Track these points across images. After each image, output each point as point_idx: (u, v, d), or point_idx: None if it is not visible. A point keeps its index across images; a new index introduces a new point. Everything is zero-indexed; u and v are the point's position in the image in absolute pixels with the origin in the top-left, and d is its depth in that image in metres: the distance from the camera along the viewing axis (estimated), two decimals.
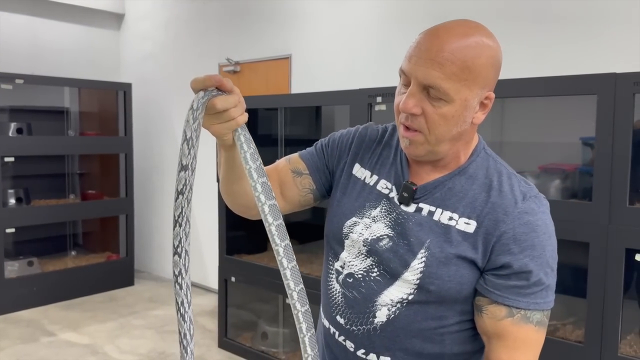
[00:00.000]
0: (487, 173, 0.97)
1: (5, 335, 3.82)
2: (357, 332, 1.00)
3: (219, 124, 0.85)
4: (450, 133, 0.91)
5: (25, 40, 4.98)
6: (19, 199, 4.54)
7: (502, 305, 0.91)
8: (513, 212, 0.91)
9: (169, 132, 5.23)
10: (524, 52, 2.83)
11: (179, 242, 0.81)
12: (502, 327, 0.91)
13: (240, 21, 4.45)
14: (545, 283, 0.91)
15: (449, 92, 0.87)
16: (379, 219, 1.00)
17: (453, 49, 0.86)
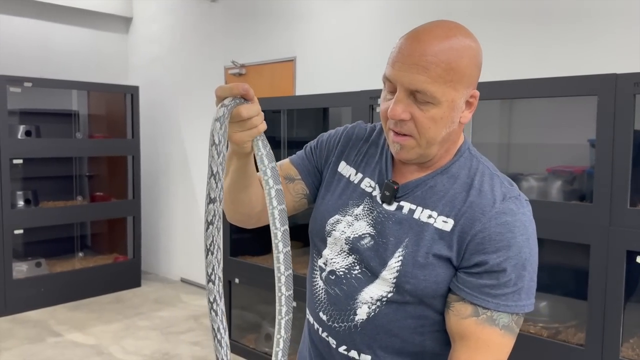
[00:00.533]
0: (469, 173, 0.97)
1: (12, 335, 3.86)
2: (339, 328, 1.00)
3: (242, 131, 0.86)
4: (440, 135, 0.92)
5: (35, 43, 5.05)
6: (27, 200, 4.59)
7: (469, 304, 0.89)
8: (490, 212, 0.90)
9: (175, 135, 5.27)
10: (525, 52, 2.82)
11: (212, 269, 0.83)
12: (465, 326, 0.89)
13: (246, 24, 4.48)
14: (518, 285, 0.89)
15: (436, 94, 0.87)
16: (361, 217, 1.00)
17: (436, 52, 0.86)
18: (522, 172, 2.56)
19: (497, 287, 0.88)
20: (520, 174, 2.52)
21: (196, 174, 5.07)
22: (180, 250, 5.34)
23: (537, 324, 2.30)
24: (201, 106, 4.90)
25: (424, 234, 0.93)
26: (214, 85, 4.73)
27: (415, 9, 3.30)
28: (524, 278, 0.89)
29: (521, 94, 2.32)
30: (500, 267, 0.88)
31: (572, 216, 2.07)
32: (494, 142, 2.90)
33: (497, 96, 2.44)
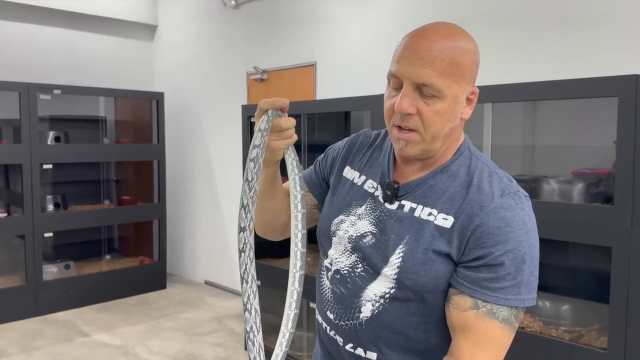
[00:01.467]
0: (469, 171, 0.99)
1: (42, 335, 3.97)
2: (345, 326, 1.02)
3: (279, 140, 0.97)
4: (444, 130, 0.95)
5: (63, 52, 5.20)
6: (56, 204, 4.72)
7: (468, 297, 0.90)
8: (488, 207, 0.92)
9: (199, 139, 5.36)
10: (547, 54, 2.80)
11: (247, 299, 0.84)
12: (465, 318, 0.90)
13: (267, 30, 4.54)
14: (517, 279, 0.89)
15: (442, 88, 0.90)
16: (363, 217, 1.03)
17: (441, 48, 0.91)
18: (547, 174, 2.53)
19: (495, 280, 0.89)
20: (545, 176, 2.50)
21: (220, 178, 5.15)
22: (204, 253, 5.42)
23: (559, 328, 2.27)
24: (224, 111, 4.98)
25: (424, 231, 0.95)
26: (236, 90, 4.81)
27: (434, 13, 3.31)
28: (523, 272, 0.90)
29: (542, 95, 2.30)
30: (498, 260, 0.89)
31: (594, 218, 2.05)
32: (517, 144, 2.88)
33: (518, 98, 2.42)
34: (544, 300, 2.42)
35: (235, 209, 4.76)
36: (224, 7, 4.89)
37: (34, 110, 4.27)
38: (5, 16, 4.85)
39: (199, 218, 5.45)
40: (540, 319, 2.32)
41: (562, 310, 2.36)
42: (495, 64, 3.01)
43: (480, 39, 3.21)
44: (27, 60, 4.94)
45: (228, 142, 4.90)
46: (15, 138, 4.43)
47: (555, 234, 2.15)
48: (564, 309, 2.37)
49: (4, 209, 4.52)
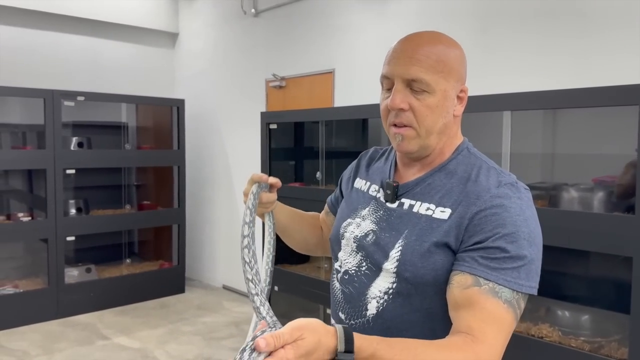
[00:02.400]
0: (467, 168, 1.03)
1: (63, 337, 4.04)
2: (355, 325, 1.04)
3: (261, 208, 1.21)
4: (437, 124, 1.00)
5: (87, 59, 5.31)
6: (79, 208, 4.80)
7: (469, 275, 0.90)
8: (485, 196, 0.95)
9: (218, 145, 5.41)
10: (566, 62, 2.78)
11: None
12: (469, 295, 0.89)
13: (286, 38, 4.58)
14: (517, 263, 0.90)
15: (430, 82, 0.97)
16: (367, 217, 1.09)
17: (427, 47, 0.98)
18: (567, 183, 2.51)
19: (495, 261, 0.90)
20: (565, 184, 2.48)
21: (238, 184, 5.19)
22: (223, 258, 5.46)
23: (579, 338, 2.25)
24: (243, 118, 5.03)
25: (422, 224, 0.99)
26: (255, 97, 4.86)
27: (454, 20, 3.31)
28: (523, 258, 0.90)
29: (562, 104, 2.29)
30: (496, 244, 0.90)
31: (614, 228, 2.03)
32: (536, 152, 2.86)
33: (538, 106, 2.41)
34: (564, 309, 2.40)
35: None
36: (244, 15, 4.95)
37: (58, 117, 4.36)
38: (31, 25, 4.97)
39: (218, 223, 5.50)
40: (560, 328, 2.30)
41: (582, 321, 2.33)
42: (514, 70, 3.00)
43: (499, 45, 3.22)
44: (51, 68, 5.05)
45: (247, 148, 4.94)
46: (40, 143, 4.53)
47: (576, 243, 2.14)
48: (584, 319, 2.34)
49: (28, 213, 4.61)
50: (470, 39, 3.21)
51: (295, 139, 4.14)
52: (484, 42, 3.14)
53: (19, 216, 4.45)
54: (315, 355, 0.75)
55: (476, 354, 0.84)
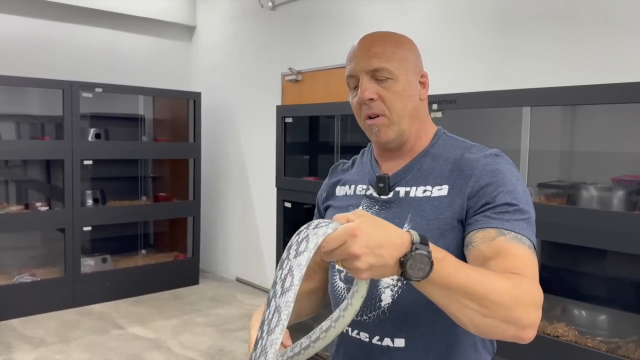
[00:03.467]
0: (450, 149, 1.08)
1: (79, 326, 4.10)
2: (368, 320, 1.03)
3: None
4: (407, 108, 1.05)
5: (105, 51, 5.35)
6: (95, 199, 4.86)
7: (491, 228, 0.92)
8: (478, 166, 1.00)
9: (234, 139, 5.43)
10: (588, 57, 2.73)
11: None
12: (497, 245, 0.90)
13: (303, 32, 4.57)
14: (524, 215, 0.94)
15: (392, 69, 1.03)
16: None
17: (381, 41, 1.06)
18: (585, 181, 2.47)
19: (507, 214, 0.94)
20: (583, 182, 2.44)
21: (253, 177, 5.20)
22: (236, 251, 5.49)
23: (596, 338, 2.21)
24: (259, 111, 5.03)
25: (423, 206, 1.02)
26: (271, 91, 4.86)
27: (473, 14, 3.27)
28: (527, 212, 0.95)
29: (582, 100, 2.25)
30: (503, 200, 0.95)
31: (634, 227, 1.99)
32: (555, 150, 2.82)
33: (558, 102, 2.37)
34: (580, 309, 2.37)
35: (263, 209, 4.81)
36: (261, 8, 4.94)
37: (76, 108, 4.41)
38: (50, 16, 5.02)
39: (232, 216, 5.52)
40: (576, 328, 2.27)
41: (599, 320, 2.30)
42: (534, 66, 2.95)
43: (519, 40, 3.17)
44: (70, 59, 5.10)
45: (262, 142, 4.95)
46: (58, 134, 4.58)
47: (594, 242, 2.10)
48: (601, 319, 2.31)
49: (46, 203, 4.68)
50: (491, 34, 3.17)
51: (310, 133, 4.13)
52: (504, 37, 3.10)
53: (36, 206, 4.52)
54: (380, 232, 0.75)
55: (530, 286, 0.85)
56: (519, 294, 0.81)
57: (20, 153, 4.39)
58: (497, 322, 0.81)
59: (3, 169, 4.80)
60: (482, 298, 0.79)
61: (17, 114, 4.76)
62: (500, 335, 0.83)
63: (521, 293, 0.82)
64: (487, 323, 0.81)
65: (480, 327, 0.82)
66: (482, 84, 3.12)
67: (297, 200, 3.56)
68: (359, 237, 0.73)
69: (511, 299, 0.81)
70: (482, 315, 0.81)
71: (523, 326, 0.82)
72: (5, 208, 4.46)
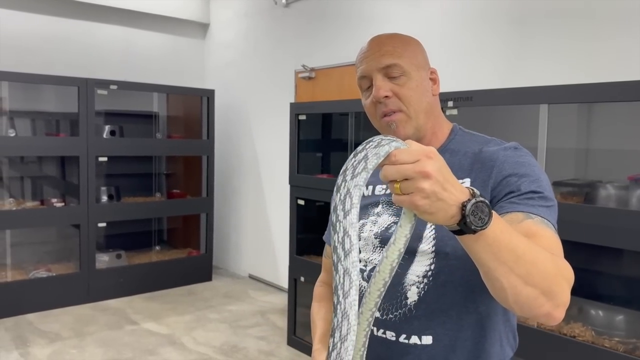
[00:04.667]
0: (469, 144, 1.08)
1: (94, 321, 4.14)
2: (395, 318, 1.02)
3: None
4: (422, 103, 1.05)
5: (120, 49, 5.39)
6: (110, 196, 4.90)
7: (518, 212, 0.91)
8: (499, 158, 1.00)
9: (247, 136, 5.44)
10: (604, 54, 2.69)
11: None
12: (526, 227, 0.88)
13: (316, 29, 4.56)
14: (549, 203, 0.94)
15: (404, 65, 1.03)
16: (382, 213, 1.09)
17: (389, 40, 1.07)
18: (601, 180, 2.44)
19: (532, 200, 0.93)
20: (599, 181, 2.41)
21: (266, 174, 5.21)
22: (249, 247, 5.51)
23: (613, 338, 2.19)
24: (271, 108, 5.04)
25: None
26: (284, 88, 4.86)
27: (489, 10, 3.24)
28: (551, 200, 0.95)
29: (600, 97, 2.22)
30: (528, 188, 0.94)
31: None
32: (571, 148, 2.79)
33: (576, 100, 2.34)
34: (597, 309, 2.34)
35: (276, 206, 4.82)
36: (275, 5, 4.94)
37: (91, 105, 4.44)
38: (66, 14, 5.06)
39: (245, 213, 5.54)
40: (593, 328, 2.25)
41: (616, 321, 2.27)
42: (550, 63, 2.92)
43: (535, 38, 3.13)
44: (86, 57, 5.14)
45: (275, 139, 4.95)
46: (73, 131, 4.62)
47: (611, 241, 2.08)
48: (618, 319, 2.28)
49: (61, 199, 4.72)
50: (507, 30, 3.14)
51: (323, 131, 4.12)
52: (520, 33, 3.07)
53: (52, 202, 4.56)
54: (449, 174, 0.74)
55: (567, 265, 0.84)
56: (559, 268, 0.81)
57: (35, 150, 4.44)
58: (538, 293, 0.79)
59: (19, 166, 4.86)
60: (529, 263, 0.77)
61: (33, 110, 4.80)
62: (536, 308, 0.80)
63: (560, 268, 0.81)
64: (528, 293, 0.78)
65: (520, 297, 0.79)
66: (497, 81, 3.08)
67: (310, 197, 3.56)
68: (435, 160, 0.71)
69: (555, 269, 0.80)
70: (525, 284, 0.78)
71: (557, 303, 0.80)
72: (21, 204, 4.51)
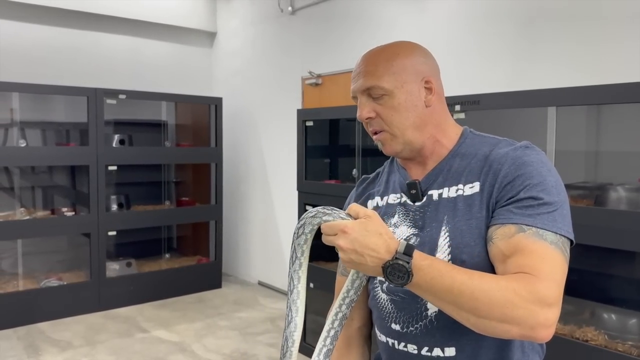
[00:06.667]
0: (479, 147, 1.06)
1: (105, 329, 4.15)
2: (416, 331, 1.01)
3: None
4: (407, 120, 1.04)
5: (128, 58, 5.43)
6: (120, 204, 4.92)
7: (511, 225, 0.92)
8: (507, 160, 0.98)
9: (255, 143, 5.46)
10: (613, 55, 2.68)
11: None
12: (515, 242, 0.89)
13: (322, 35, 4.57)
14: (551, 208, 0.92)
15: (384, 85, 1.02)
16: (399, 224, 1.07)
17: (373, 58, 1.06)
18: (612, 182, 2.42)
19: (530, 208, 0.92)
20: (610, 183, 2.39)
21: (274, 181, 5.22)
22: (258, 254, 5.51)
23: (626, 342, 2.16)
24: (279, 114, 5.05)
25: (457, 206, 1.00)
26: (291, 95, 4.87)
27: (496, 15, 3.23)
28: (554, 203, 0.93)
29: (609, 99, 2.20)
30: (528, 194, 0.93)
31: None
32: (580, 150, 2.77)
33: (584, 102, 2.33)
34: (610, 313, 2.32)
35: (285, 212, 4.82)
36: (281, 13, 4.97)
37: (100, 114, 4.48)
38: (75, 25, 5.11)
39: (253, 220, 5.55)
40: (606, 332, 2.22)
41: (630, 324, 2.25)
42: (558, 65, 2.91)
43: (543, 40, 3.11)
44: (94, 67, 5.19)
45: (282, 145, 4.96)
46: (83, 140, 4.66)
47: (623, 244, 2.06)
48: (632, 323, 2.26)
49: (71, 208, 4.76)
50: (514, 33, 3.14)
51: (330, 137, 4.13)
52: (528, 36, 3.06)
53: (62, 211, 4.60)
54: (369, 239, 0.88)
55: (533, 285, 0.83)
56: (517, 293, 0.82)
57: (46, 159, 4.48)
58: (495, 322, 0.83)
59: (30, 175, 4.90)
60: (470, 299, 0.83)
61: (43, 121, 4.85)
62: (505, 334, 0.85)
63: (520, 292, 0.82)
64: (484, 323, 0.84)
65: (479, 327, 0.85)
66: (505, 85, 3.08)
67: (318, 203, 3.54)
68: (348, 234, 0.89)
69: (504, 298, 0.82)
70: (476, 317, 0.84)
71: (530, 326, 0.82)
72: (32, 213, 4.55)
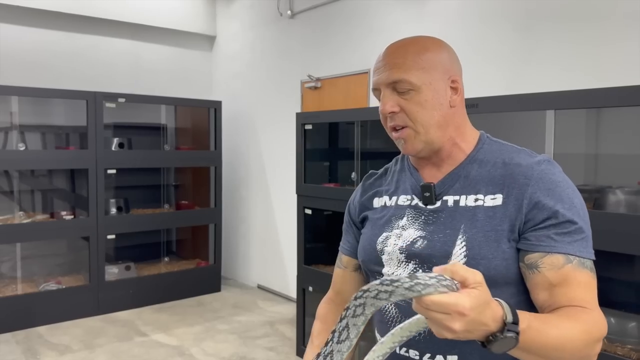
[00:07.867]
0: (498, 154, 1.03)
1: (104, 333, 4.14)
2: (419, 337, 1.00)
3: None
4: (432, 118, 1.00)
5: (127, 62, 5.44)
6: (119, 208, 4.92)
7: (558, 254, 0.92)
8: (533, 175, 0.96)
9: (254, 146, 5.46)
10: (612, 58, 2.68)
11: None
12: (565, 274, 0.92)
13: (321, 39, 4.58)
14: (583, 234, 0.94)
15: (411, 80, 0.99)
16: (408, 227, 1.05)
17: (402, 50, 1.02)
18: (611, 185, 2.42)
19: (568, 235, 0.93)
20: (609, 186, 2.39)
21: (273, 184, 5.22)
22: (257, 258, 5.50)
23: (625, 346, 2.16)
24: (278, 118, 5.05)
25: (477, 216, 0.98)
26: (290, 98, 4.88)
27: (494, 18, 3.24)
28: (586, 228, 0.95)
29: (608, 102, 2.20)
30: (565, 217, 0.93)
31: None
32: (579, 153, 2.78)
33: (583, 105, 2.33)
34: (609, 316, 2.31)
35: (285, 215, 4.82)
36: (280, 17, 4.98)
37: (100, 118, 4.48)
38: (74, 29, 5.12)
39: (253, 223, 5.54)
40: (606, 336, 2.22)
41: (629, 328, 2.24)
42: (556, 68, 2.91)
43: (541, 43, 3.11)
44: (94, 70, 5.20)
45: (282, 149, 4.96)
46: (82, 144, 4.66)
47: (622, 247, 2.06)
48: (631, 327, 2.25)
49: (70, 212, 4.75)
50: (512, 36, 3.14)
51: (330, 140, 4.13)
52: (526, 40, 3.07)
53: (62, 214, 4.59)
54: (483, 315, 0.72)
55: (593, 318, 0.89)
56: (589, 335, 0.86)
57: (45, 163, 4.48)
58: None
59: (29, 179, 4.90)
60: (561, 351, 0.84)
61: (43, 124, 4.85)
62: None
63: (591, 333, 0.87)
64: None
65: None
66: (503, 88, 3.08)
67: (317, 206, 3.56)
68: (467, 317, 0.71)
69: (583, 343, 0.85)
70: None
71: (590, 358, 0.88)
72: (31, 217, 4.54)
